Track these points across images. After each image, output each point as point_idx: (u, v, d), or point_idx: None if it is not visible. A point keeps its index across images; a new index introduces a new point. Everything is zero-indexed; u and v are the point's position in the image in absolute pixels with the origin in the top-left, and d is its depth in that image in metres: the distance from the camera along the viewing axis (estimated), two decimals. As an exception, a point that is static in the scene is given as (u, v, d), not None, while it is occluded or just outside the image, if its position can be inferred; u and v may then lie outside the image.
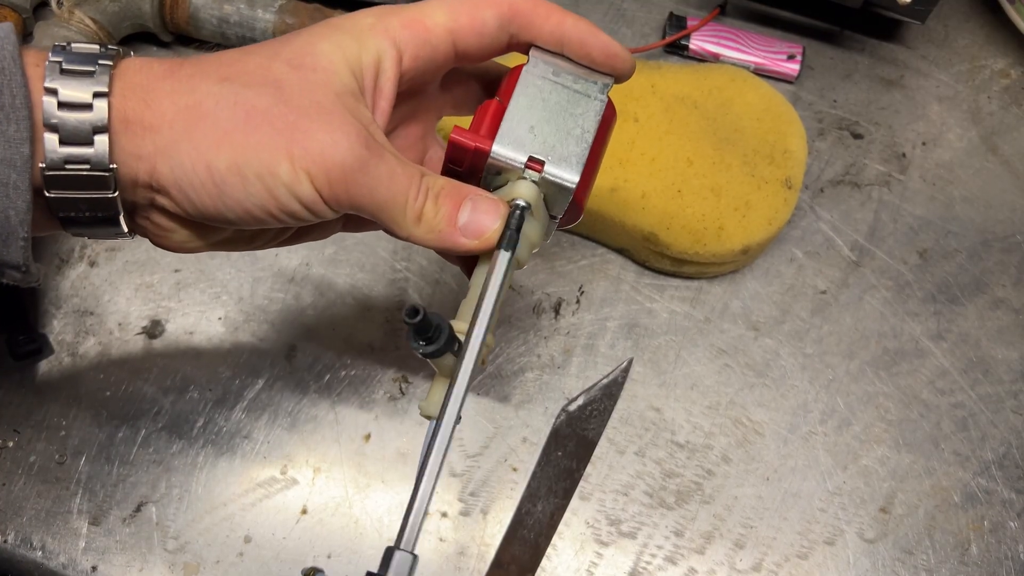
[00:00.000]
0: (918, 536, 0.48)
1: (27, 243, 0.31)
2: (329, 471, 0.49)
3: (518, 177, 0.35)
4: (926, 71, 0.63)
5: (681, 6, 0.64)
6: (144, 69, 0.31)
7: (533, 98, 0.36)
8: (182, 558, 0.47)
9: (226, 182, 0.31)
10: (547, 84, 0.36)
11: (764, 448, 0.50)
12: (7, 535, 0.47)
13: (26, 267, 0.31)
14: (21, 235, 0.30)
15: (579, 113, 0.36)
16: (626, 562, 0.47)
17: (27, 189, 0.29)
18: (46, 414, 0.50)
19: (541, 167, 0.35)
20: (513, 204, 0.35)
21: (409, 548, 0.31)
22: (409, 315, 0.30)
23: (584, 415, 0.50)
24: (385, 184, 0.32)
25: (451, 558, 0.47)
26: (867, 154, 0.59)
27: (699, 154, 0.52)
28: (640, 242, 0.53)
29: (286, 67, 0.32)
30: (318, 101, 0.31)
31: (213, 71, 0.32)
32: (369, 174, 0.32)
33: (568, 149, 0.35)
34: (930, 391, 0.52)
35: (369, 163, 0.32)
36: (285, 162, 0.31)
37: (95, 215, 0.31)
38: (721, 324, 0.53)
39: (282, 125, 0.31)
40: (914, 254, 0.56)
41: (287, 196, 0.31)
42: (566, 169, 0.35)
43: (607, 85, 0.36)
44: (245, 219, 0.32)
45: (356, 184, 0.32)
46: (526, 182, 0.35)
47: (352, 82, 0.33)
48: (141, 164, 0.31)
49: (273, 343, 0.52)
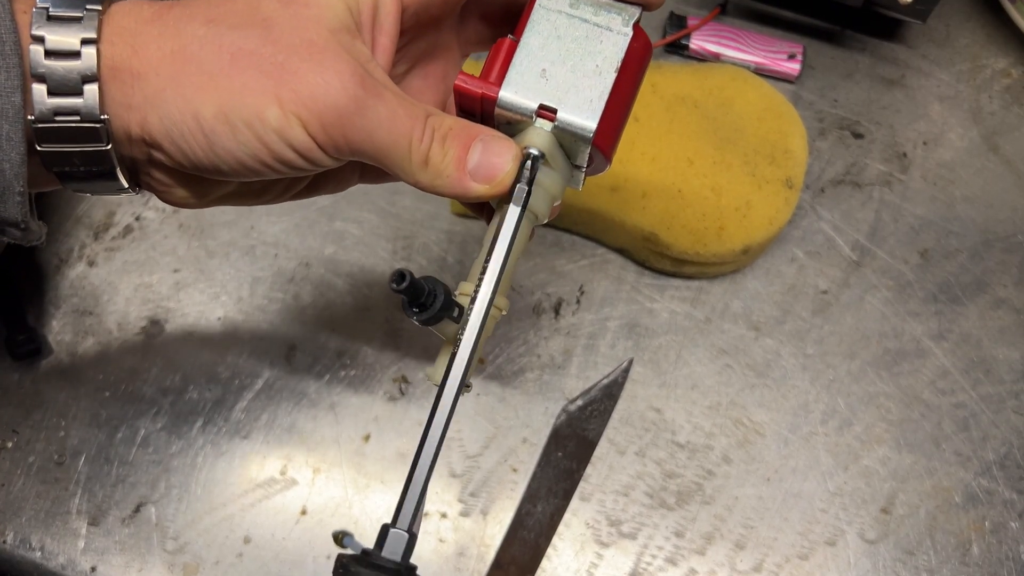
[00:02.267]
0: (919, 537, 0.48)
1: (24, 198, 0.29)
2: (329, 472, 0.49)
3: (529, 126, 0.32)
4: (927, 70, 0.62)
5: (681, 6, 0.64)
6: (133, 12, 0.30)
7: (546, 36, 0.32)
8: (181, 559, 0.46)
9: (214, 131, 0.29)
10: (563, 19, 0.32)
11: (765, 448, 0.50)
12: (6, 535, 0.47)
13: (25, 224, 0.30)
14: (17, 189, 0.29)
15: (599, 50, 0.32)
16: (626, 563, 0.47)
17: (21, 141, 0.28)
18: (45, 414, 0.50)
19: (554, 115, 0.31)
20: (525, 153, 0.32)
21: (405, 527, 0.29)
22: (396, 281, 0.28)
23: (584, 415, 0.50)
24: (385, 126, 0.30)
25: (451, 559, 0.47)
26: (868, 154, 0.59)
27: (700, 154, 0.52)
28: (640, 242, 0.53)
29: (276, 4, 0.30)
30: (310, 39, 0.29)
31: (201, 12, 0.30)
32: (366, 116, 0.29)
33: (585, 93, 0.31)
34: (931, 391, 0.52)
35: (366, 103, 0.29)
36: (274, 106, 0.28)
37: (91, 170, 0.30)
38: (722, 324, 0.53)
39: (270, 67, 0.29)
40: (915, 254, 0.56)
41: (279, 143, 0.29)
42: (582, 115, 0.31)
43: (633, 16, 0.32)
44: (239, 170, 0.30)
45: (353, 127, 0.29)
46: (538, 129, 0.32)
47: (348, 17, 0.30)
48: (132, 115, 0.29)
49: (272, 343, 0.52)
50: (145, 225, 0.55)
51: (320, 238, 0.55)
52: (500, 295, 0.32)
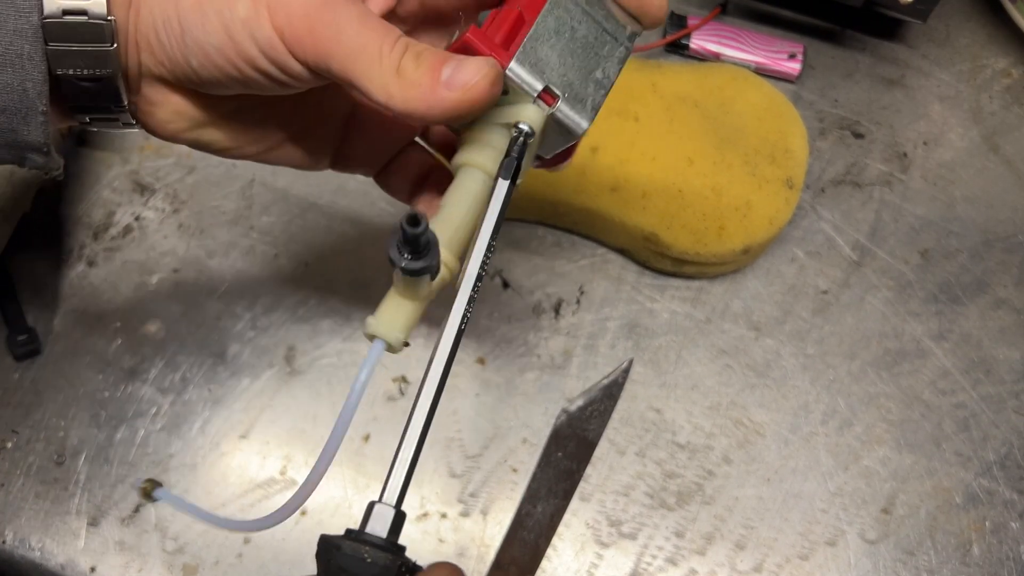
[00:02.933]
0: (920, 537, 0.48)
1: (46, 119, 0.30)
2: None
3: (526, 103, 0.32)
4: (927, 70, 0.62)
5: (682, 5, 0.64)
6: None
7: (561, 23, 0.32)
8: (181, 559, 0.46)
9: (187, 19, 0.30)
10: (578, 12, 0.32)
11: (765, 449, 0.50)
12: (6, 536, 0.47)
13: (47, 147, 0.31)
14: (40, 108, 0.30)
15: (604, 55, 0.32)
16: (627, 563, 0.47)
17: (41, 59, 0.29)
18: (45, 414, 0.50)
19: (554, 102, 0.31)
20: (517, 128, 0.31)
21: (392, 502, 0.28)
22: (411, 223, 0.26)
23: (584, 416, 0.50)
24: (355, 28, 0.29)
25: (451, 559, 0.47)
26: (868, 154, 0.59)
27: (700, 154, 0.52)
28: (641, 242, 0.53)
29: None
30: None
31: None
32: (336, 12, 0.29)
33: (586, 91, 0.32)
34: (932, 391, 0.52)
35: (336, 5, 0.29)
36: None
37: (94, 74, 0.30)
38: (722, 324, 0.53)
39: None
40: (915, 254, 0.56)
41: (245, 38, 0.29)
42: (579, 112, 0.32)
43: (636, 33, 0.33)
44: (206, 67, 0.30)
45: (321, 23, 0.29)
46: (536, 108, 0.31)
47: None
48: (130, 13, 0.30)
49: (272, 343, 0.52)
50: (145, 225, 0.55)
51: (320, 238, 0.55)
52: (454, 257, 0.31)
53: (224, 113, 0.34)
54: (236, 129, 0.35)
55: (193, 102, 0.33)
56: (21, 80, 0.29)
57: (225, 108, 0.34)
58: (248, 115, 0.35)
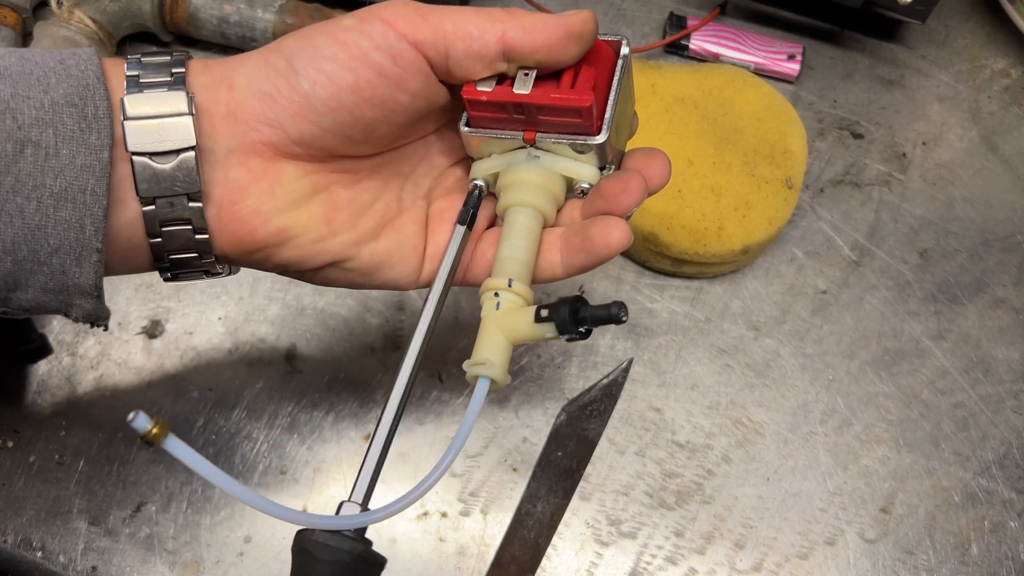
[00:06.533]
0: (919, 536, 0.48)
1: (101, 258, 0.29)
2: (329, 471, 0.49)
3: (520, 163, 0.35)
4: (926, 71, 0.63)
5: (681, 6, 0.64)
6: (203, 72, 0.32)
7: (624, 86, 0.34)
8: (182, 558, 0.46)
9: (294, 47, 0.31)
10: (627, 77, 0.35)
11: (764, 448, 0.50)
12: (7, 535, 0.47)
13: (99, 291, 0.29)
14: (96, 246, 0.28)
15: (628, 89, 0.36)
16: (626, 562, 0.47)
17: (104, 194, 0.28)
18: (45, 414, 0.50)
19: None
20: (473, 184, 0.36)
21: (359, 500, 0.31)
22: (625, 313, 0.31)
23: (584, 415, 0.50)
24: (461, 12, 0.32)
25: (451, 558, 0.47)
26: (867, 154, 0.59)
27: (699, 154, 0.52)
28: (640, 242, 0.53)
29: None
30: None
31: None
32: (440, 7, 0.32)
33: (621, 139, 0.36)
34: (930, 391, 0.52)
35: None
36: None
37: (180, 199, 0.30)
38: (721, 324, 0.53)
39: None
40: (914, 254, 0.56)
41: (356, 35, 0.31)
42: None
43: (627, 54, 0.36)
44: (320, 82, 0.30)
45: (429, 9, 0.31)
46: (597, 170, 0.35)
47: None
48: (220, 97, 0.31)
49: (273, 343, 0.52)
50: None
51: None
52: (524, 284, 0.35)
53: (322, 183, 0.34)
54: (332, 205, 0.35)
55: (293, 164, 0.33)
56: (80, 216, 0.28)
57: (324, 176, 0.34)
58: (345, 186, 0.35)
